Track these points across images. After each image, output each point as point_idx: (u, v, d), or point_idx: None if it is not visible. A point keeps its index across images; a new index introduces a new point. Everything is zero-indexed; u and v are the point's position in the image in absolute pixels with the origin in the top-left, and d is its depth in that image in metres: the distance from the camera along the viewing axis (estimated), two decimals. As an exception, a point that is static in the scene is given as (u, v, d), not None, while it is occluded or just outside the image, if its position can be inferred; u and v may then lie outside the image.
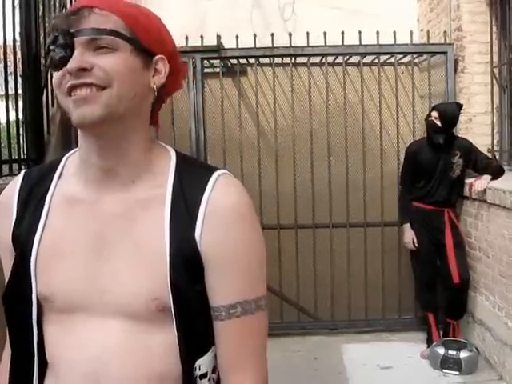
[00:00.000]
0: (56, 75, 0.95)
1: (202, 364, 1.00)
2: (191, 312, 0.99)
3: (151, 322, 0.98)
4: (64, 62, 0.93)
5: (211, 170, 1.03)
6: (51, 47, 0.93)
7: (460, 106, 4.18)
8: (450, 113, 4.11)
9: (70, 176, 1.06)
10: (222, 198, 0.99)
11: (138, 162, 1.01)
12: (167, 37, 1.05)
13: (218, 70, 4.72)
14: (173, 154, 1.06)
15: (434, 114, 4.12)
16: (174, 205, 0.99)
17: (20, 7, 2.99)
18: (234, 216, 0.99)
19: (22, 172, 1.11)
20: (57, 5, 3.63)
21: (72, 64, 0.92)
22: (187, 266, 0.97)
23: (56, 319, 1.02)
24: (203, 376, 1.01)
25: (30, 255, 1.01)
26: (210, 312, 1.01)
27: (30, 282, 1.01)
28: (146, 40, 0.98)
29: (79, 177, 1.04)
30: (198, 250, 0.98)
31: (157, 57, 1.01)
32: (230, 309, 1.00)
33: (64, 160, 1.09)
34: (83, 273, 1.00)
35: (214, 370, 1.03)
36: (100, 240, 1.00)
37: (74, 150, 1.08)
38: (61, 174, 1.07)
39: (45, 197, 1.05)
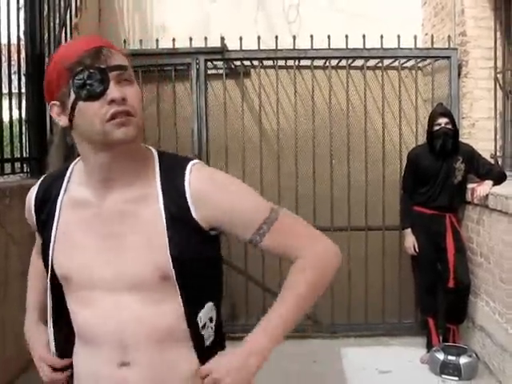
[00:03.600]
0: (93, 105, 1.13)
1: (202, 316, 1.23)
2: (191, 276, 1.20)
3: (159, 291, 1.19)
4: (103, 93, 1.13)
5: (187, 159, 1.26)
6: (88, 82, 1.12)
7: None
8: (450, 113, 4.19)
9: (77, 182, 1.27)
10: (199, 175, 1.22)
11: (135, 168, 1.22)
12: None
13: (221, 71, 4.72)
14: (155, 152, 1.28)
15: (444, 120, 4.08)
16: (164, 193, 1.21)
17: (25, 6, 2.99)
18: (212, 180, 1.23)
19: (42, 177, 1.36)
20: (61, 5, 3.64)
21: (117, 94, 1.13)
22: (186, 238, 1.19)
23: (76, 295, 1.25)
24: (204, 327, 1.24)
25: (49, 244, 1.27)
26: (209, 271, 1.24)
27: (52, 263, 1.27)
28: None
29: (83, 183, 1.25)
30: (199, 224, 1.20)
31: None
32: (259, 230, 1.22)
33: (71, 167, 1.30)
34: (95, 257, 1.22)
35: (211, 320, 1.25)
36: (107, 232, 1.22)
37: (78, 158, 1.28)
38: (69, 179, 1.29)
39: (57, 199, 1.28)
